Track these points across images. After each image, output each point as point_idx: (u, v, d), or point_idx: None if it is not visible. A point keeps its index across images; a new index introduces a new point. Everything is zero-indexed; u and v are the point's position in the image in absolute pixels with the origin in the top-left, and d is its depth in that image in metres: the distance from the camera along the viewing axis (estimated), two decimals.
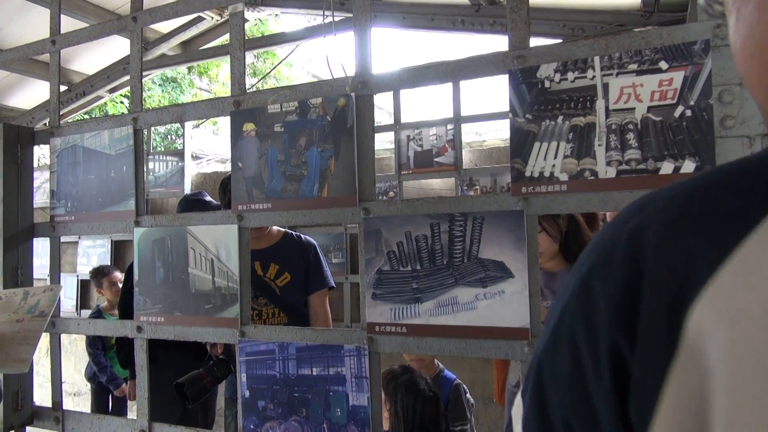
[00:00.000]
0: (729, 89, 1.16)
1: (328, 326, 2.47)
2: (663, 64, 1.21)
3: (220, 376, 2.12)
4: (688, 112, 1.19)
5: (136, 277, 1.89)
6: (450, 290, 1.43)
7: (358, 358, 1.53)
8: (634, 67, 1.24)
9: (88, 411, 4.14)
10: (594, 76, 1.28)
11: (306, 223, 1.66)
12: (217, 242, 1.74)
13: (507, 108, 1.38)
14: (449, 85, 3.95)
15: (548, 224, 2.00)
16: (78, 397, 5.35)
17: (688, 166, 1.19)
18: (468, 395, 2.25)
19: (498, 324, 1.37)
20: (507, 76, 1.37)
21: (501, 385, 2.27)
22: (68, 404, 5.07)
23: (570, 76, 1.30)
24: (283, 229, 2.57)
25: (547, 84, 1.33)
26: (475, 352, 1.41)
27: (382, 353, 1.53)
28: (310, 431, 1.59)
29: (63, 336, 2.13)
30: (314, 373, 1.59)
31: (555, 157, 1.31)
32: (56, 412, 2.08)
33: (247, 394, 1.69)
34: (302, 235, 2.60)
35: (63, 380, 2.15)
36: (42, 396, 2.09)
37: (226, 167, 5.42)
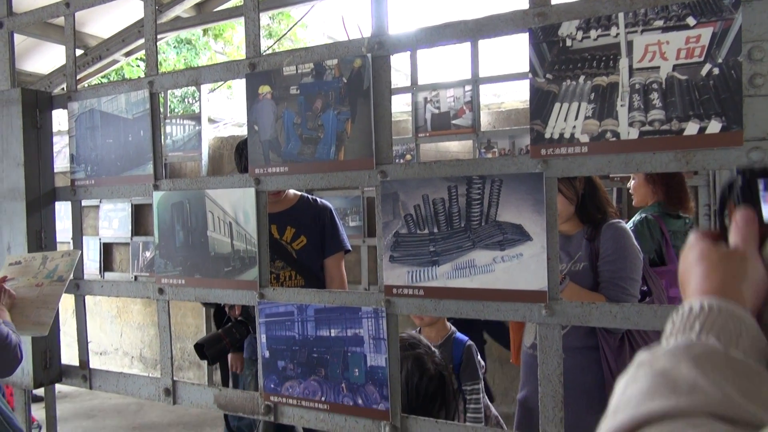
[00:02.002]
0: (759, 46, 1.12)
1: (343, 288, 2.49)
2: (690, 20, 1.17)
3: (239, 337, 2.16)
4: (716, 71, 1.15)
5: (156, 240, 1.92)
6: (467, 253, 1.43)
7: (375, 319, 1.54)
8: (660, 23, 1.20)
9: (115, 370, 4.28)
10: (618, 34, 1.24)
11: (323, 187, 1.66)
12: (235, 206, 1.75)
13: (527, 68, 1.35)
14: (467, 46, 3.86)
15: (564, 186, 1.98)
16: (104, 356, 5.52)
17: (714, 127, 1.16)
18: (479, 357, 2.27)
19: (515, 287, 1.37)
20: (527, 34, 1.34)
21: (517, 347, 2.28)
22: (94, 363, 5.24)
23: (593, 33, 1.26)
24: (299, 193, 2.57)
25: (568, 42, 1.29)
26: (492, 315, 1.42)
27: (399, 315, 1.54)
28: (329, 390, 1.63)
29: (87, 298, 2.18)
30: (332, 335, 1.62)
31: (576, 118, 1.28)
32: (83, 370, 2.14)
33: (267, 354, 1.72)
34: (318, 199, 2.60)
35: (89, 340, 2.21)
36: (69, 355, 2.16)
37: (243, 131, 5.42)
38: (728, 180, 0.63)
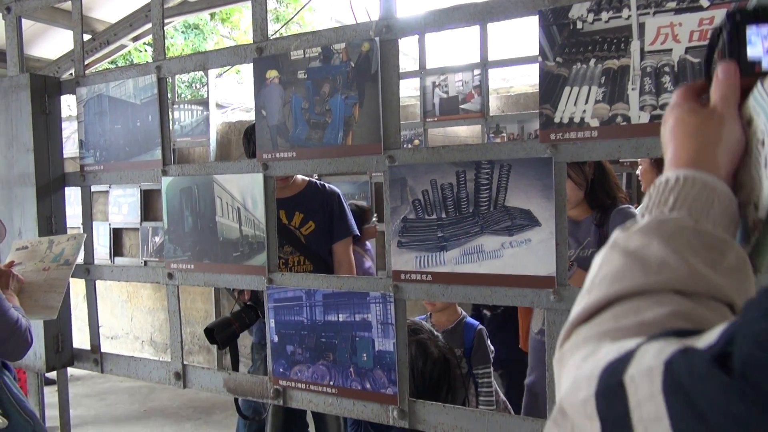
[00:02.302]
0: None
1: (351, 274, 2.49)
2: (704, 2, 1.15)
3: (248, 321, 2.17)
4: None
5: (165, 225, 1.93)
6: (475, 238, 1.42)
7: (383, 305, 1.55)
8: (672, 5, 1.17)
9: (126, 354, 4.33)
10: (629, 16, 1.22)
11: (331, 172, 1.66)
12: (243, 191, 1.75)
13: (536, 52, 1.33)
14: (476, 29, 3.82)
15: (573, 171, 1.96)
16: (115, 341, 5.58)
17: None
18: (489, 342, 2.28)
19: (524, 272, 1.36)
20: (537, 16, 1.32)
21: (525, 332, 2.28)
22: (105, 347, 5.30)
23: (604, 16, 1.24)
24: (307, 178, 2.57)
25: (579, 25, 1.27)
26: (500, 300, 1.41)
27: (408, 300, 1.54)
28: (337, 375, 1.64)
29: (98, 282, 2.20)
30: (341, 319, 1.62)
31: (586, 102, 1.27)
32: (95, 354, 2.17)
33: (275, 339, 1.73)
34: (326, 184, 2.60)
35: (100, 324, 2.23)
36: (80, 339, 2.19)
37: (251, 116, 5.41)
38: (718, 25, 0.59)
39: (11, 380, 1.84)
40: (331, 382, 1.65)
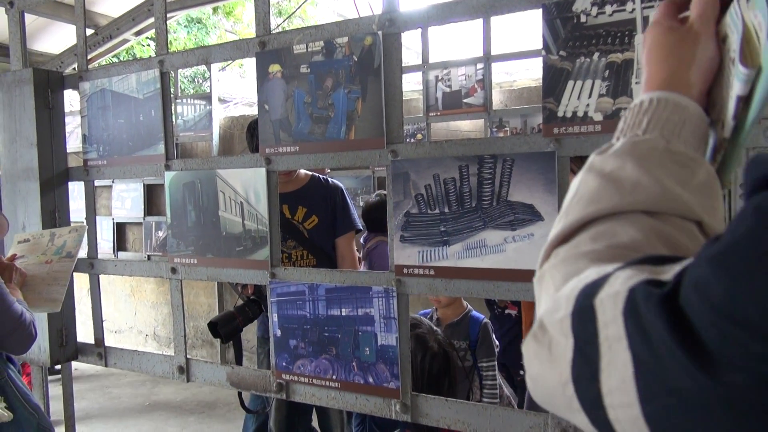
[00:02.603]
0: None
1: (354, 268, 2.50)
2: None
3: (251, 315, 2.18)
4: None
5: (168, 220, 1.93)
6: (478, 233, 1.42)
7: (386, 299, 1.55)
8: None
9: (129, 348, 4.34)
10: (633, 9, 1.21)
11: (333, 166, 1.66)
12: (246, 185, 1.75)
13: (540, 45, 1.33)
14: (479, 23, 3.81)
15: (577, 166, 1.95)
16: (119, 335, 5.60)
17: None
18: (493, 336, 2.28)
19: (526, 267, 1.36)
20: (541, 10, 1.31)
21: (528, 327, 2.29)
22: (110, 341, 5.32)
23: (608, 9, 1.24)
24: (310, 173, 2.57)
25: (583, 18, 1.27)
26: (502, 295, 1.41)
27: (410, 294, 1.54)
28: (340, 369, 1.64)
29: (101, 277, 2.20)
30: (343, 314, 1.63)
31: (589, 96, 1.26)
32: (99, 348, 2.18)
33: (278, 333, 1.74)
34: (329, 179, 2.60)
35: (104, 319, 2.24)
36: (84, 333, 2.20)
37: (254, 110, 5.41)
38: None
39: (15, 374, 1.85)
40: (334, 376, 1.65)
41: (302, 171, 2.53)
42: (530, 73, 4.98)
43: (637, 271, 0.40)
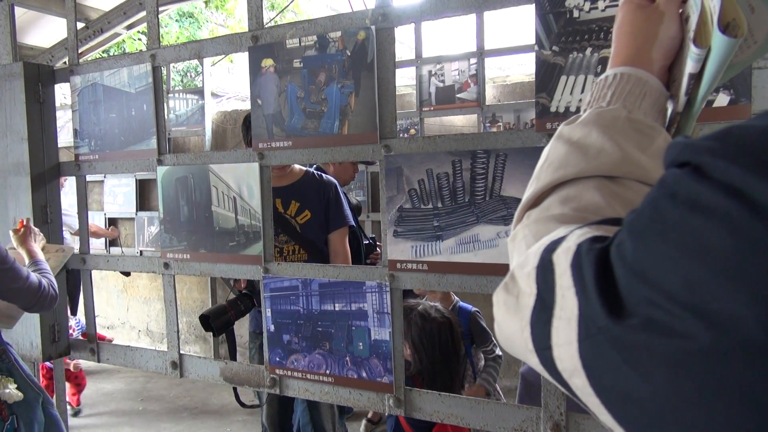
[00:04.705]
0: None
1: (347, 263, 2.50)
2: None
3: (243, 309, 2.18)
4: None
5: (160, 215, 1.93)
6: (471, 228, 1.43)
7: (379, 294, 1.55)
8: None
9: (122, 344, 4.32)
10: None
11: (327, 161, 1.65)
12: (239, 180, 1.75)
13: (533, 41, 1.33)
14: (472, 18, 3.81)
15: None
16: (111, 330, 5.58)
17: (722, 100, 1.14)
18: (483, 322, 2.34)
19: None
20: (534, 5, 1.31)
21: None
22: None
23: (600, 4, 1.24)
24: (304, 168, 2.56)
25: (576, 13, 1.27)
26: (495, 289, 1.42)
27: (402, 289, 1.55)
28: (334, 364, 1.65)
29: (94, 272, 2.19)
30: (337, 309, 1.63)
31: (582, 91, 1.27)
32: (91, 343, 2.17)
33: (272, 328, 1.74)
34: (323, 174, 2.60)
35: (96, 314, 2.23)
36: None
37: (246, 105, 5.39)
38: None
39: (17, 356, 1.86)
40: (328, 371, 1.66)
41: (296, 165, 2.53)
42: (523, 69, 4.99)
43: (592, 230, 0.45)
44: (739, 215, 0.30)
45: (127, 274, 4.39)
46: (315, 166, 2.98)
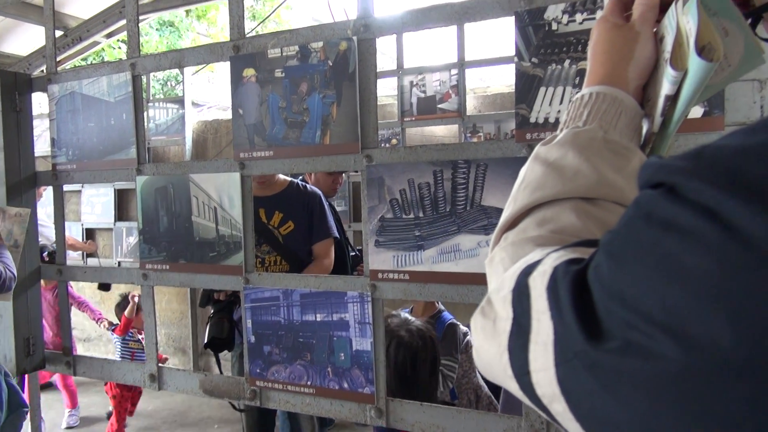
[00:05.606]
0: None
1: (325, 271, 2.48)
2: None
3: (231, 309, 2.22)
4: None
5: (139, 225, 1.90)
6: (452, 237, 1.43)
7: (361, 304, 1.55)
8: None
9: (99, 356, 4.24)
10: None
11: (308, 171, 1.65)
12: (220, 190, 1.74)
13: (512, 52, 1.35)
14: (453, 29, 3.84)
15: None
16: (88, 343, 5.48)
17: (696, 111, 1.17)
18: (468, 338, 2.32)
19: None
20: (513, 17, 1.33)
21: None
22: (79, 350, 5.20)
23: (578, 17, 1.26)
24: (289, 178, 2.56)
25: (554, 26, 1.29)
26: (477, 299, 1.42)
27: (385, 299, 1.55)
28: (315, 375, 1.63)
29: (72, 283, 2.16)
30: (318, 319, 1.62)
31: (561, 103, 1.29)
32: (67, 357, 2.13)
33: (252, 339, 1.72)
34: (308, 185, 2.59)
35: (73, 326, 2.19)
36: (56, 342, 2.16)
37: (227, 115, 5.36)
38: None
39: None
40: (309, 382, 1.64)
41: (281, 176, 2.52)
42: (503, 79, 5.04)
43: (568, 252, 0.44)
44: (714, 236, 0.30)
45: (106, 288, 4.32)
46: (300, 177, 2.98)
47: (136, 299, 3.53)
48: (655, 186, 0.35)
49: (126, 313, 3.53)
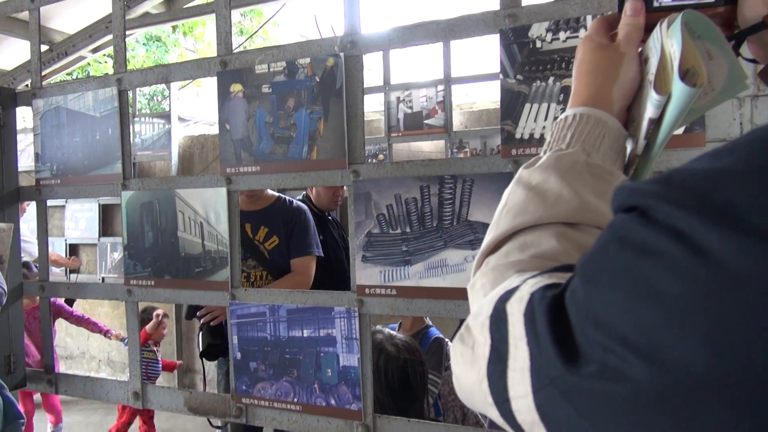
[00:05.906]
0: None
1: (306, 287, 2.43)
2: None
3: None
4: None
5: (124, 240, 1.89)
6: (439, 252, 1.44)
7: (348, 319, 1.54)
8: None
9: (82, 374, 4.17)
10: None
11: (295, 186, 1.65)
12: (206, 205, 1.73)
13: (498, 69, 1.36)
14: (440, 46, 3.88)
15: None
16: (70, 360, 5.39)
17: (678, 128, 1.18)
18: (447, 353, 2.33)
19: None
20: (498, 35, 1.35)
21: None
22: (61, 367, 5.11)
23: (561, 35, 1.28)
24: (276, 194, 2.55)
25: (538, 44, 1.31)
26: (464, 314, 1.42)
27: (372, 315, 1.54)
28: (302, 391, 1.62)
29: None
30: (305, 335, 1.61)
31: (545, 119, 1.30)
32: (49, 375, 2.09)
33: (238, 355, 1.71)
34: (294, 201, 2.58)
35: (55, 344, 2.16)
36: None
37: (214, 130, 5.35)
38: None
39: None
40: (296, 399, 1.63)
41: (269, 191, 2.51)
42: (489, 95, 5.09)
43: (545, 278, 0.44)
44: (685, 259, 0.31)
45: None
46: (304, 193, 2.98)
47: (161, 317, 3.59)
48: (627, 210, 0.36)
49: (147, 328, 3.60)
